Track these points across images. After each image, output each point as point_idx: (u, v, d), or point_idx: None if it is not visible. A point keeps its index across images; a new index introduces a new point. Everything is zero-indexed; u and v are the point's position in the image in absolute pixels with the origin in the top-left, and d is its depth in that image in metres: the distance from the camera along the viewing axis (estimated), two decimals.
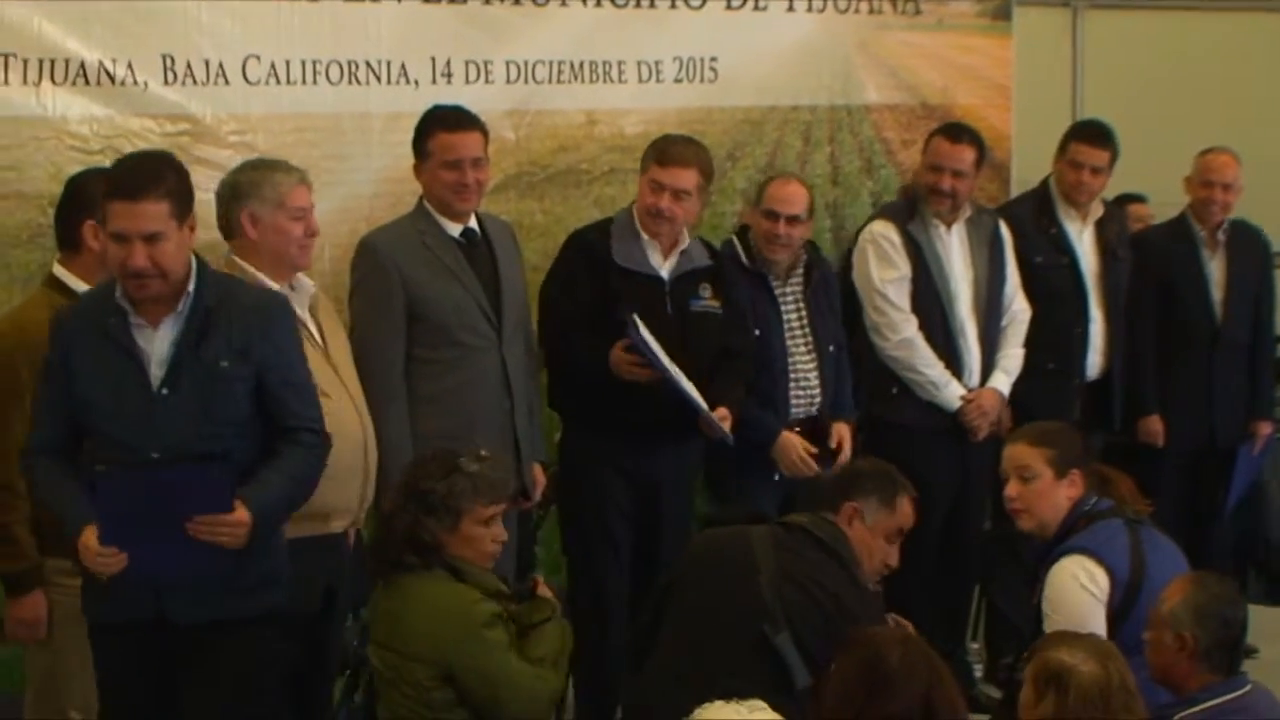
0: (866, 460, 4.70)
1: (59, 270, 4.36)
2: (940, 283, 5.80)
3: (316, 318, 4.56)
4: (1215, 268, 6.38)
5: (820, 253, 5.81)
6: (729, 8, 6.30)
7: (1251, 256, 6.47)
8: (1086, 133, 6.22)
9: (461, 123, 4.91)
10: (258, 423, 3.96)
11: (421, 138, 4.91)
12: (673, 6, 6.14)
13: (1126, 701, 3.51)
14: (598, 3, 5.95)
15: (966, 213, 5.88)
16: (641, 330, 4.98)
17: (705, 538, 4.58)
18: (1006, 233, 5.99)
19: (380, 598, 4.16)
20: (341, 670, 4.72)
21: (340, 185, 5.20)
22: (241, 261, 4.46)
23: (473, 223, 4.97)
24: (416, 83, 5.52)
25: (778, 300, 5.52)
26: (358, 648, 4.46)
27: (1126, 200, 7.03)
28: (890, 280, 5.77)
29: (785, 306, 5.54)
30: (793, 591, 4.12)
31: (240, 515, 3.81)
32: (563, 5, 5.86)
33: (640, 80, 6.09)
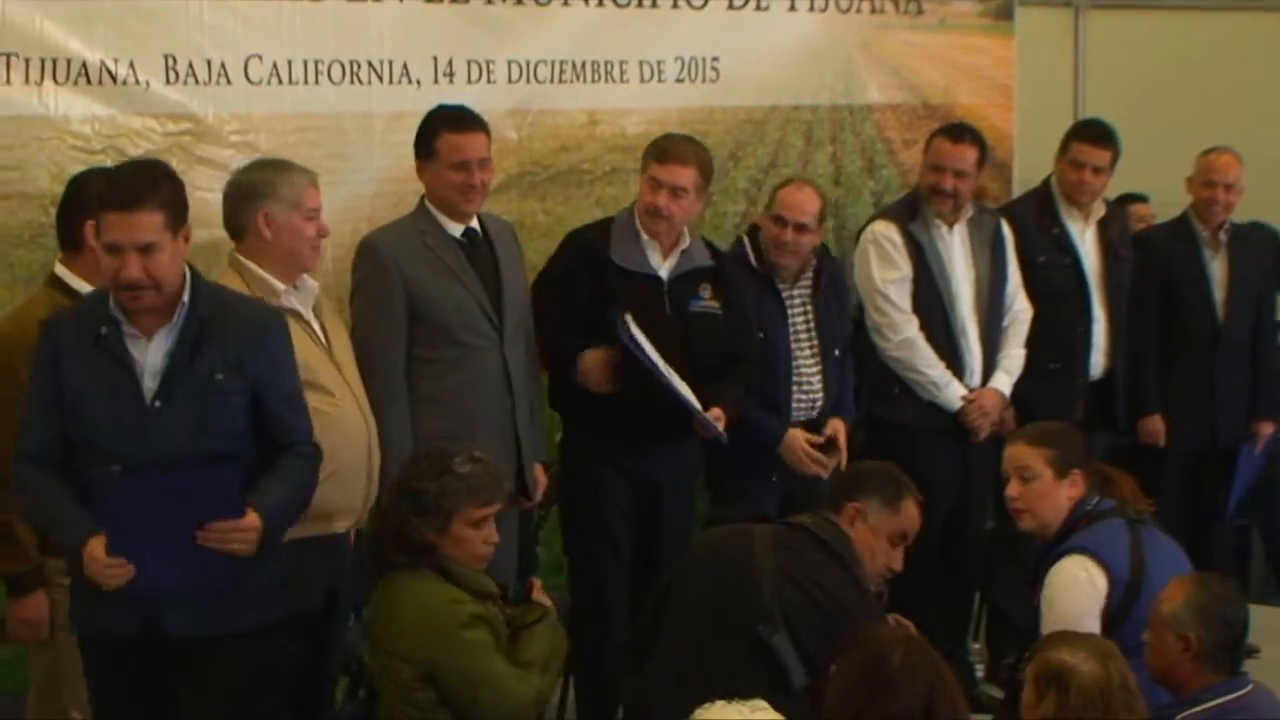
0: (872, 462, 4.70)
1: (61, 270, 4.36)
2: (941, 283, 5.80)
3: (320, 318, 4.56)
4: (1217, 268, 6.39)
5: (831, 256, 5.77)
6: (731, 7, 6.30)
7: (1256, 256, 6.47)
8: (1088, 132, 6.22)
9: (468, 124, 4.91)
10: (251, 435, 3.92)
11: (427, 138, 4.90)
12: (675, 6, 6.14)
13: (1127, 701, 3.51)
14: (600, 2, 5.94)
15: (968, 213, 5.88)
16: (632, 329, 4.97)
17: (707, 537, 4.59)
18: (1009, 232, 5.99)
19: (377, 598, 4.16)
20: (344, 671, 4.73)
21: (342, 185, 5.19)
22: (247, 261, 4.45)
23: (474, 222, 4.97)
24: (419, 82, 5.51)
25: (784, 303, 5.52)
26: (359, 648, 4.46)
27: (1128, 200, 7.04)
28: (891, 281, 5.77)
29: (792, 310, 5.53)
30: (791, 591, 4.12)
31: (252, 519, 3.79)
32: (565, 5, 5.85)
33: (642, 80, 6.08)
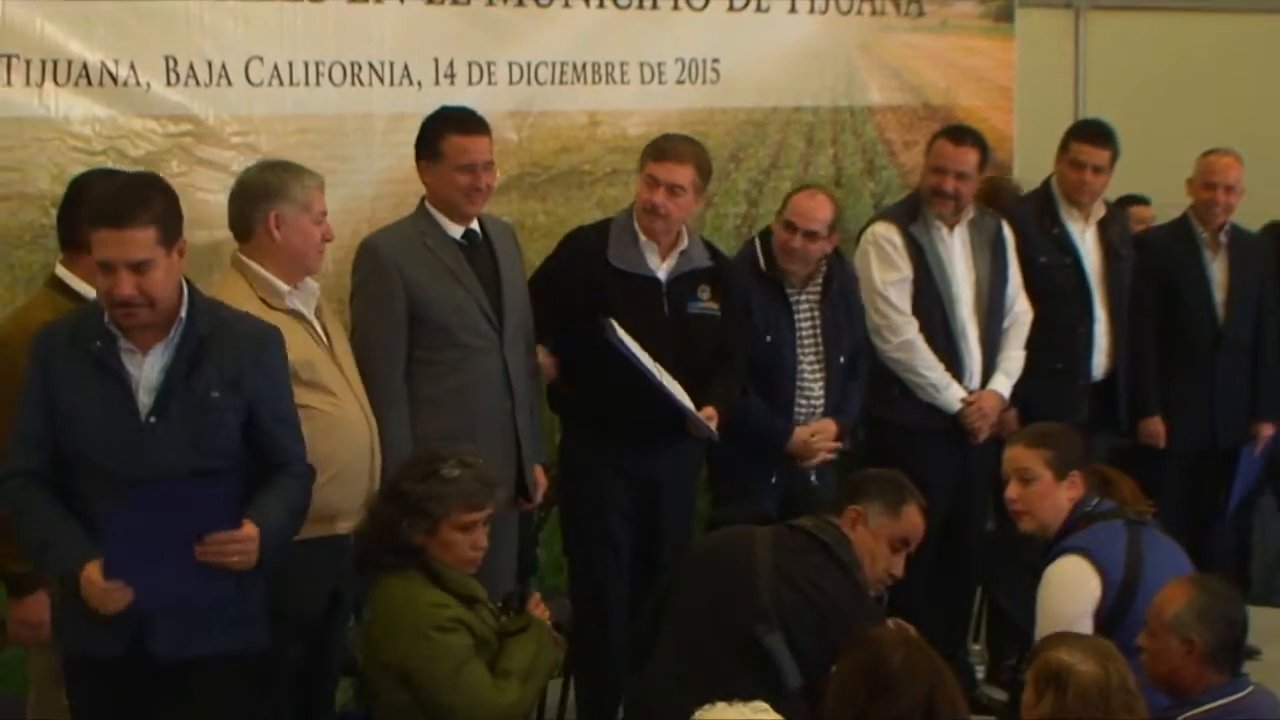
0: (877, 468, 4.70)
1: (61, 271, 4.36)
2: (942, 285, 5.80)
3: (321, 319, 4.56)
4: (1217, 269, 6.39)
5: (844, 262, 5.76)
6: (731, 9, 6.30)
7: (1256, 258, 6.47)
8: (1087, 132, 6.23)
9: (474, 126, 4.90)
10: (245, 454, 3.87)
11: (432, 139, 4.89)
12: (675, 8, 6.14)
13: (1127, 701, 3.51)
14: (600, 4, 5.94)
15: (969, 214, 5.88)
16: (618, 332, 4.96)
17: (708, 538, 4.60)
18: (1009, 234, 5.99)
19: (370, 599, 4.17)
20: (346, 672, 4.73)
21: (343, 186, 5.19)
22: (250, 262, 4.44)
23: (474, 224, 4.96)
24: (419, 84, 5.52)
25: (792, 308, 5.51)
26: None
27: (1129, 202, 7.05)
28: (892, 282, 5.77)
29: (799, 315, 5.52)
30: (788, 592, 4.13)
31: (249, 530, 3.74)
32: (565, 6, 5.85)
33: (643, 81, 6.08)
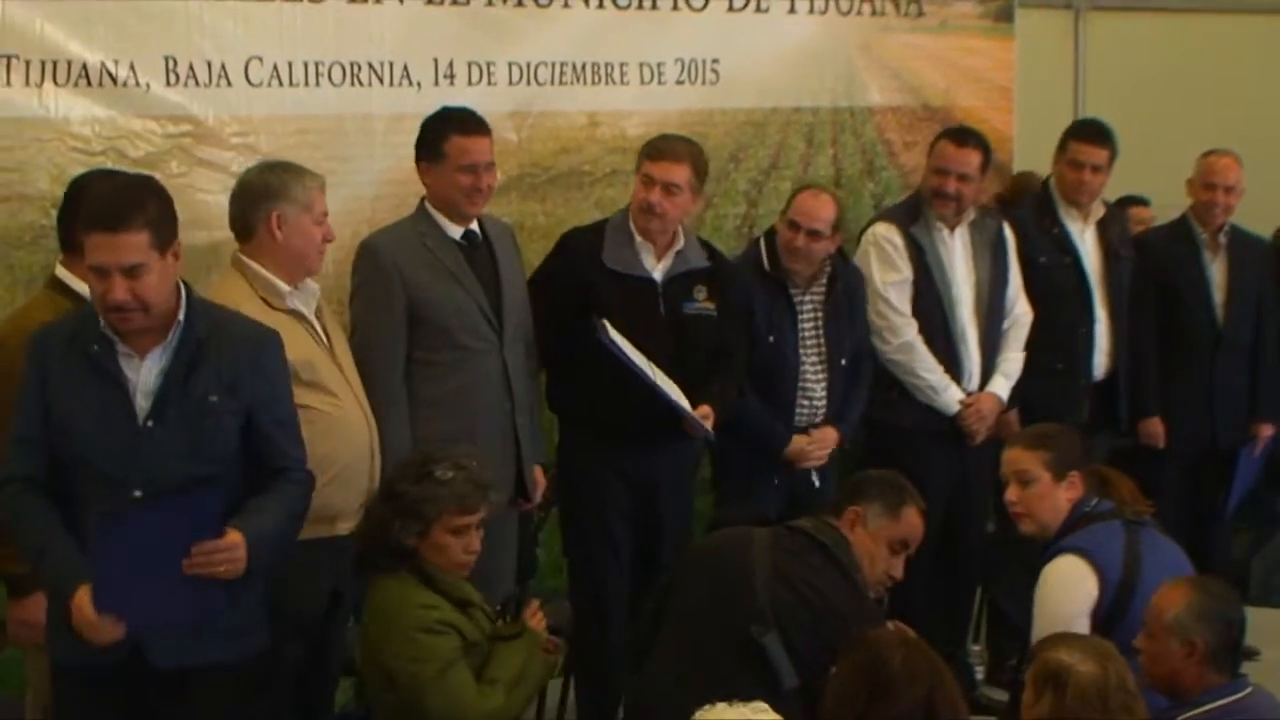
0: (878, 469, 4.71)
1: (61, 272, 4.35)
2: (942, 286, 5.80)
3: (321, 320, 4.56)
4: (1217, 270, 6.39)
5: (849, 263, 5.75)
6: (731, 9, 6.30)
7: (1255, 259, 6.48)
8: (1085, 131, 6.23)
9: (476, 127, 4.91)
10: (243, 458, 3.84)
11: (433, 140, 4.89)
12: (675, 8, 6.14)
13: (1125, 701, 3.51)
14: (600, 4, 5.94)
15: (970, 216, 5.88)
16: (610, 333, 4.95)
17: (707, 538, 4.60)
18: (1011, 235, 5.98)
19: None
20: (346, 672, 4.73)
21: (342, 187, 5.19)
22: (250, 262, 4.45)
23: (474, 225, 4.97)
24: (419, 84, 5.51)
25: (795, 308, 5.51)
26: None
27: (1129, 203, 7.05)
28: (892, 283, 5.77)
29: (802, 315, 5.52)
30: (785, 592, 4.13)
31: (233, 537, 3.69)
32: (565, 7, 5.85)
33: (642, 82, 6.08)
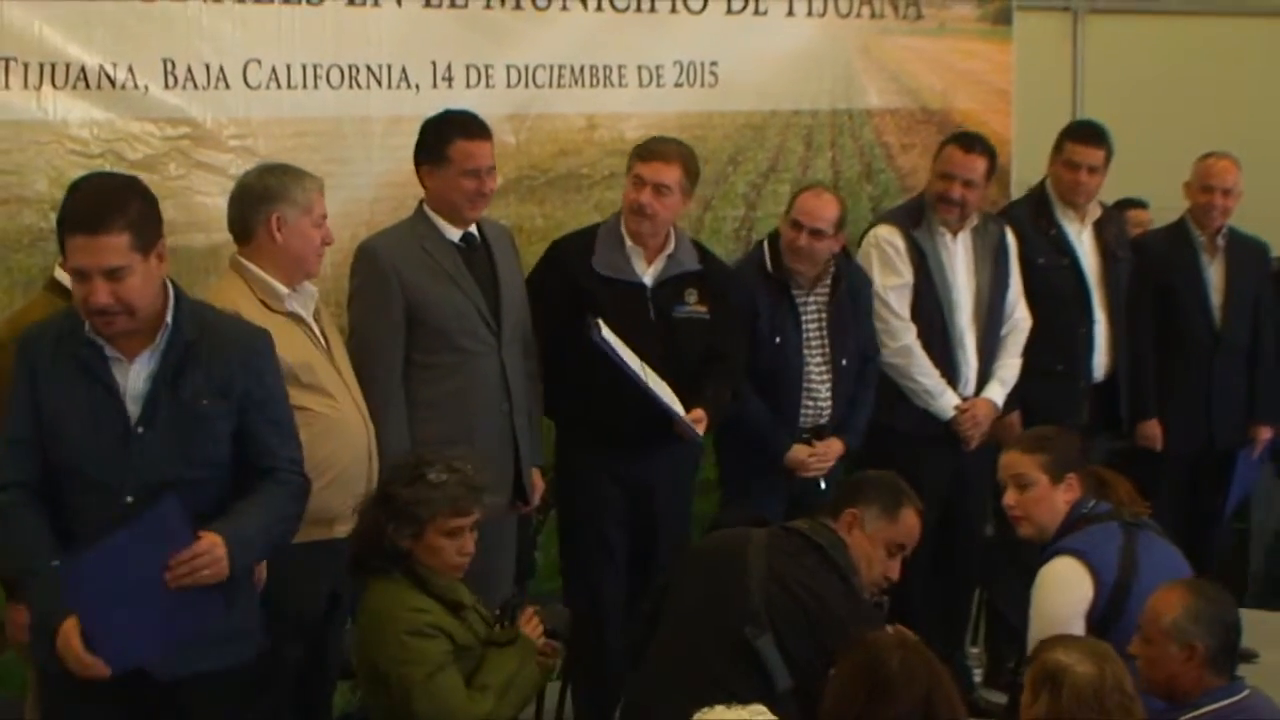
0: (876, 471, 4.71)
1: (60, 274, 4.32)
2: (942, 291, 5.80)
3: (319, 322, 4.56)
4: (1214, 272, 6.39)
5: (853, 263, 5.74)
6: (729, 12, 6.31)
7: (1251, 261, 6.48)
8: (1081, 132, 6.23)
9: (479, 130, 4.90)
10: (235, 461, 3.77)
11: (437, 143, 4.88)
12: (673, 11, 6.15)
13: (1122, 703, 3.51)
14: (598, 7, 5.95)
15: (973, 221, 5.87)
16: (604, 333, 4.94)
17: (705, 540, 4.60)
18: (1013, 240, 5.98)
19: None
20: (344, 675, 4.73)
21: (341, 189, 5.19)
22: (249, 264, 4.44)
23: (472, 227, 4.97)
24: (417, 87, 5.52)
25: (798, 309, 5.51)
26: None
27: (1127, 205, 7.06)
28: (892, 287, 5.77)
29: (806, 316, 5.52)
30: (779, 594, 4.12)
31: (209, 539, 3.60)
32: (563, 9, 5.86)
33: (641, 85, 6.09)
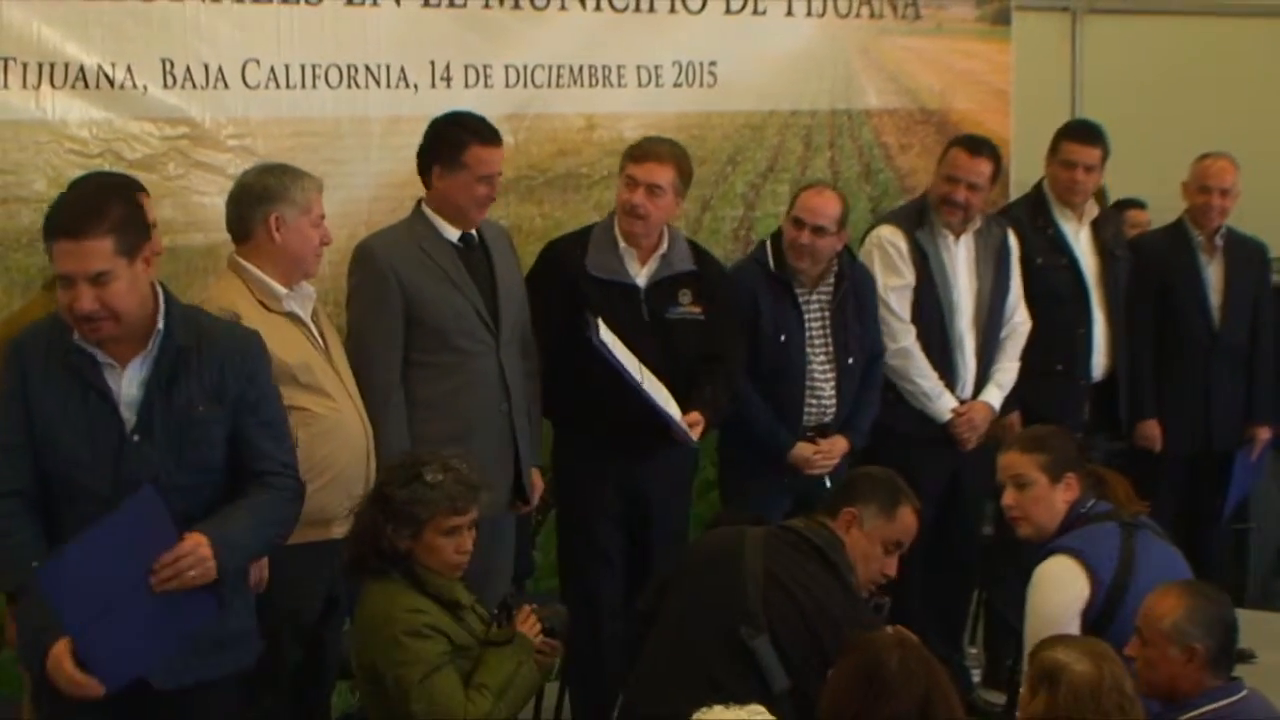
0: (872, 467, 4.71)
1: None
2: (943, 293, 5.79)
3: (317, 322, 4.56)
4: (1213, 273, 6.38)
5: (857, 262, 5.73)
6: (728, 12, 6.32)
7: (1249, 261, 6.48)
8: (1076, 131, 6.23)
9: (495, 137, 4.90)
10: (229, 466, 3.74)
11: (453, 148, 4.84)
12: (672, 11, 6.16)
13: (1120, 702, 3.50)
14: (597, 7, 5.96)
15: (976, 224, 5.87)
16: (602, 334, 4.93)
17: (700, 539, 4.60)
18: (1015, 243, 5.97)
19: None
20: (343, 675, 4.73)
21: (339, 189, 5.19)
22: (247, 264, 4.44)
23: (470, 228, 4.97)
24: (416, 87, 5.53)
25: (801, 308, 5.50)
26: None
27: (1125, 206, 7.06)
28: (894, 288, 5.76)
29: (809, 315, 5.51)
30: (775, 594, 4.12)
31: (193, 539, 3.54)
32: (562, 9, 5.87)
33: (639, 85, 6.10)
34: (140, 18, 4.97)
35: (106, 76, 4.91)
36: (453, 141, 4.86)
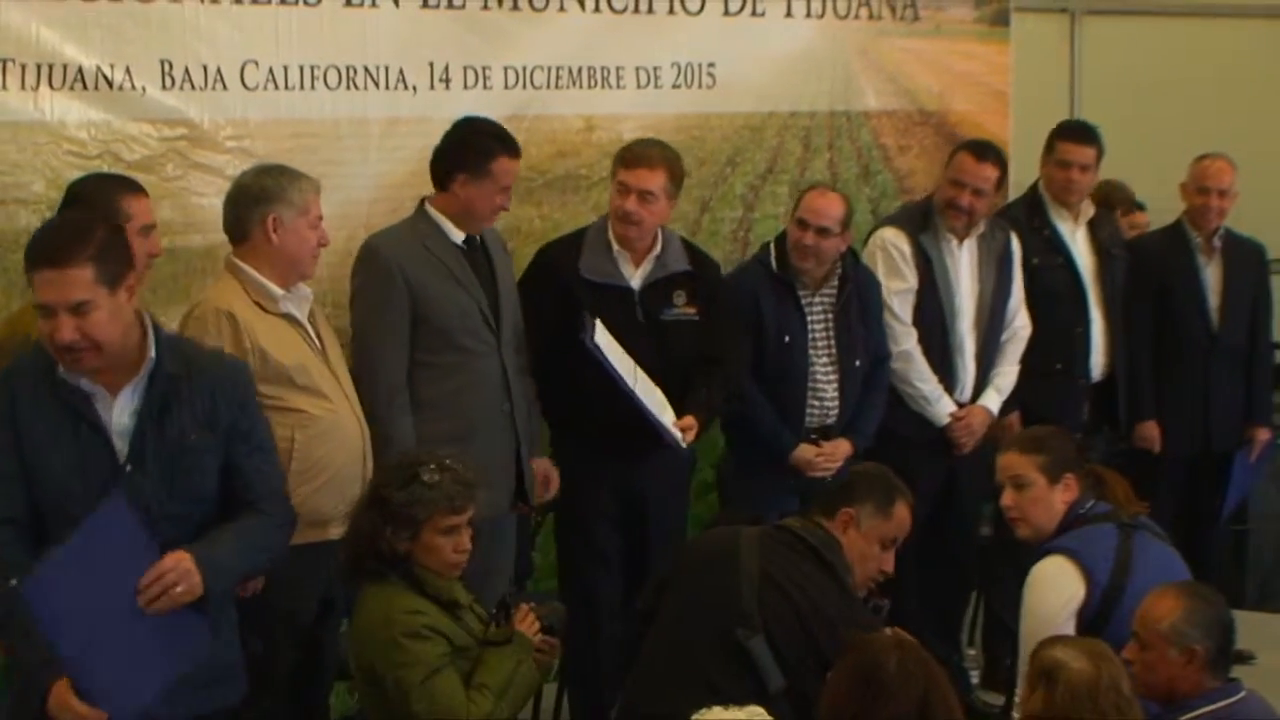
0: (866, 465, 4.71)
1: None
2: (945, 297, 5.79)
3: (314, 323, 4.56)
4: (1211, 274, 6.39)
5: (861, 264, 5.73)
6: (727, 13, 6.31)
7: (1247, 262, 6.48)
8: (1071, 131, 6.23)
9: (519, 148, 4.93)
10: (220, 496, 3.71)
11: (481, 156, 4.84)
12: (671, 12, 6.15)
13: (1117, 702, 3.50)
14: (596, 8, 5.95)
15: (980, 229, 5.86)
16: (597, 336, 4.92)
17: (698, 539, 4.60)
18: (1017, 247, 5.97)
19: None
20: (340, 676, 4.73)
21: (338, 191, 5.18)
22: (244, 265, 4.45)
23: None
24: (415, 88, 5.52)
25: (804, 309, 5.51)
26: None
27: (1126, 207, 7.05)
28: (896, 291, 5.76)
29: (812, 316, 5.52)
30: (771, 594, 4.12)
31: (174, 556, 3.50)
32: (561, 11, 5.86)
33: (639, 86, 6.09)
34: (139, 19, 4.96)
35: (105, 78, 4.90)
36: (482, 151, 4.86)
